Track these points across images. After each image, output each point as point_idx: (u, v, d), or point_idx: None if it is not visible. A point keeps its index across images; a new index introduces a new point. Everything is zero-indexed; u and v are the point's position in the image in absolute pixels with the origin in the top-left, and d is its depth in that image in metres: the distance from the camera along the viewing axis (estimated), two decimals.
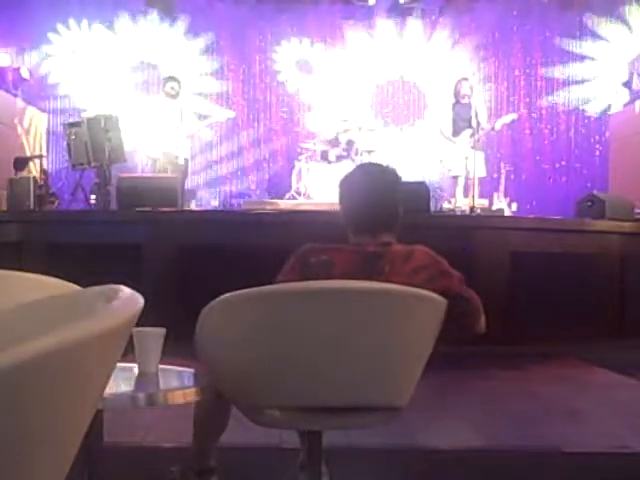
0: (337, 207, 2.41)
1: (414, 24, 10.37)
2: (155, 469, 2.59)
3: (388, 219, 2.30)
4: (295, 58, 10.38)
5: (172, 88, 7.73)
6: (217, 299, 1.96)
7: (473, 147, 7.38)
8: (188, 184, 8.41)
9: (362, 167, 2.71)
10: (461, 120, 7.80)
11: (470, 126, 7.58)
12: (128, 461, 2.61)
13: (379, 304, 1.93)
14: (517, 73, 10.50)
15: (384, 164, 2.61)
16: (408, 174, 9.77)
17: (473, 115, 7.52)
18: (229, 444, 2.39)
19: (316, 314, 1.89)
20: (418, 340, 2.01)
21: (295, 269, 2.20)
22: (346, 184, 2.37)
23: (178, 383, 1.91)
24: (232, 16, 10.20)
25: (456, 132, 7.85)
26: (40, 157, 8.14)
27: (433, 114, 9.84)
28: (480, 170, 7.56)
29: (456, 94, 7.98)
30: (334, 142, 8.81)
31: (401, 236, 2.31)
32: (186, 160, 7.88)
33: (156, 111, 7.72)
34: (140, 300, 1.16)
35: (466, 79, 8.22)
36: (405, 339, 1.97)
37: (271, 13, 10.24)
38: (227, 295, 1.94)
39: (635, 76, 9.67)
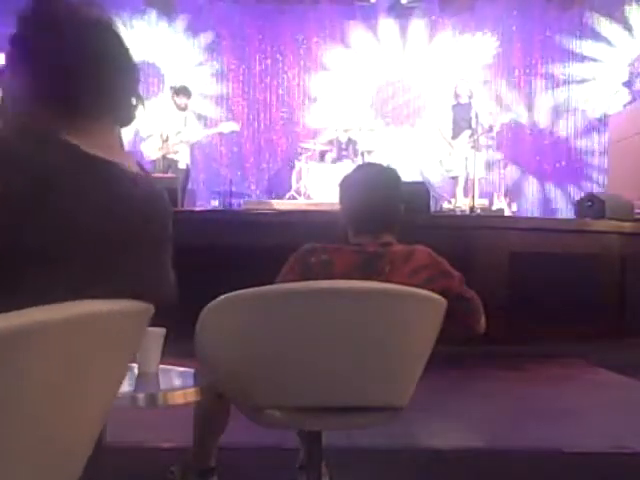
0: (337, 207, 2.41)
1: (414, 24, 10.36)
2: (155, 469, 2.59)
3: (388, 219, 2.30)
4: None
5: (182, 101, 7.61)
6: (217, 299, 1.96)
7: (473, 147, 7.39)
8: (190, 186, 8.36)
9: (362, 167, 2.72)
10: (461, 120, 7.81)
11: (470, 126, 7.60)
12: (128, 461, 2.61)
13: (379, 304, 1.93)
14: (517, 73, 10.49)
15: (384, 164, 2.62)
16: (408, 174, 9.85)
17: (473, 115, 7.53)
18: (229, 444, 2.39)
19: (316, 314, 1.89)
20: (418, 340, 2.01)
21: (295, 269, 2.20)
22: (346, 184, 2.37)
23: (178, 383, 1.91)
24: (232, 16, 10.20)
25: (456, 133, 7.86)
26: None
27: (433, 115, 9.85)
28: (480, 170, 7.57)
29: (455, 95, 8.00)
30: (335, 142, 8.81)
31: (401, 236, 2.31)
32: (187, 165, 7.81)
33: (159, 114, 7.65)
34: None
35: (464, 80, 8.23)
36: (405, 339, 1.97)
37: (271, 13, 10.24)
38: (227, 295, 1.94)
39: (635, 76, 9.67)
